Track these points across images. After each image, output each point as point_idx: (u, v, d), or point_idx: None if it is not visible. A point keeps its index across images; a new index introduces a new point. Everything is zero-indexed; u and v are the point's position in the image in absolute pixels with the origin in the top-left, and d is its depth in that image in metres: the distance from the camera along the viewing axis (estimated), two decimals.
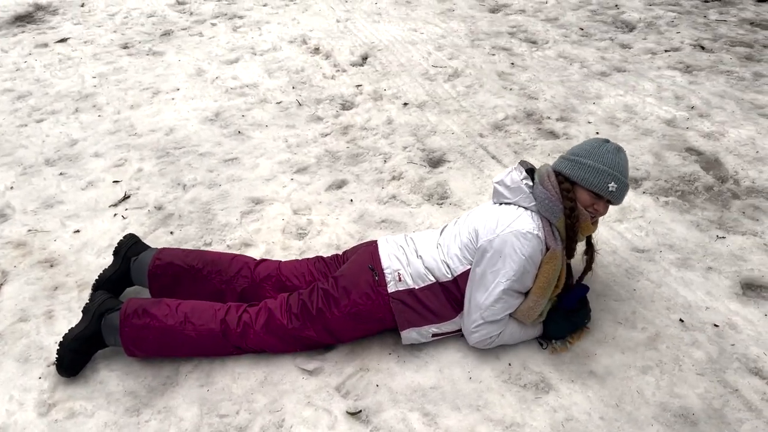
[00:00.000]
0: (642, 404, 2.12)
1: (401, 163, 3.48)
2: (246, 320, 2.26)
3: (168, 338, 2.24)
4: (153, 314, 2.24)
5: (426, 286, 2.27)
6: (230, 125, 3.91)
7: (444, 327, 2.30)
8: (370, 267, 2.32)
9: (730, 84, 4.29)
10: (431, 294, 2.27)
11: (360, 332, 2.33)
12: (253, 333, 2.25)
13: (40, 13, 5.81)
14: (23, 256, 2.84)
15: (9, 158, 3.59)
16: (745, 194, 3.20)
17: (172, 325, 2.23)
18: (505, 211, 2.25)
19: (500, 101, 4.09)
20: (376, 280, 2.29)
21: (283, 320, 2.26)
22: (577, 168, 2.20)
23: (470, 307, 2.23)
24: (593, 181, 2.17)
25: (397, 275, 2.29)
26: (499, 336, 2.26)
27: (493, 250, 2.17)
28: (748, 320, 2.44)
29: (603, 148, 2.23)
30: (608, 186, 2.17)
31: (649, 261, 2.75)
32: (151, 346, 2.27)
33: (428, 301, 2.26)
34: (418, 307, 2.26)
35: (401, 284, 2.27)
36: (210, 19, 5.63)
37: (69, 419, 2.12)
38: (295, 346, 2.30)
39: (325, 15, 5.68)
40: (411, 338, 2.30)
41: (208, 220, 3.06)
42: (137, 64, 4.76)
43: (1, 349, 2.38)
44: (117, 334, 2.24)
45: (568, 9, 5.70)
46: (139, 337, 2.24)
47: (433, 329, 2.29)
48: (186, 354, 2.31)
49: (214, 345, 2.27)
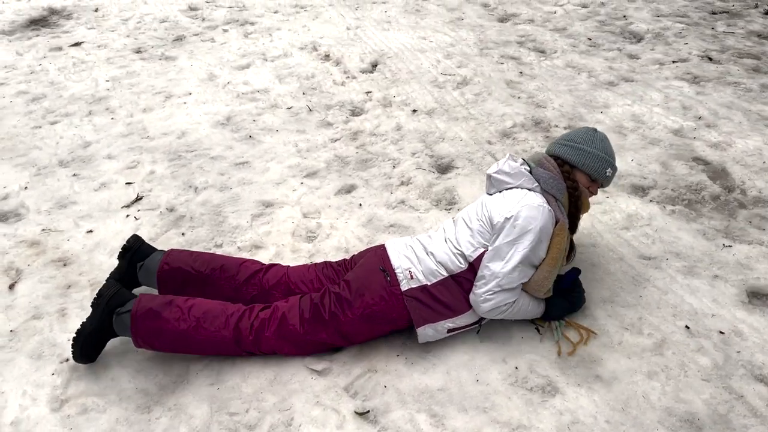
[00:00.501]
0: (648, 409, 2.14)
1: (410, 169, 3.51)
2: (258, 327, 2.28)
3: (180, 341, 2.27)
4: (165, 318, 2.25)
5: (438, 281, 2.32)
6: (241, 129, 3.96)
7: (459, 321, 2.33)
8: (381, 268, 2.35)
9: (738, 95, 4.31)
10: (444, 289, 2.31)
11: (372, 334, 2.36)
12: (266, 339, 2.27)
13: (55, 17, 5.89)
14: (37, 255, 2.88)
15: (23, 159, 3.64)
16: (752, 204, 3.22)
17: (184, 329, 2.25)
18: (512, 193, 2.38)
19: (508, 109, 4.13)
20: (388, 280, 2.32)
21: (295, 325, 2.28)
22: (577, 153, 2.44)
23: (485, 277, 2.27)
24: (594, 166, 2.43)
25: (409, 273, 2.32)
26: (512, 306, 2.30)
27: (509, 225, 2.28)
28: (754, 328, 2.46)
29: (597, 135, 2.49)
30: (606, 171, 2.45)
31: (656, 268, 2.77)
32: (163, 346, 2.30)
33: (442, 296, 2.30)
34: (432, 302, 2.29)
35: (413, 282, 2.31)
36: (222, 25, 5.70)
37: (81, 415, 2.15)
38: (306, 349, 2.33)
39: (335, 22, 5.73)
40: (427, 336, 2.33)
41: (219, 222, 3.10)
42: (150, 69, 4.83)
43: (15, 345, 2.42)
44: (128, 331, 2.27)
45: (576, 19, 5.74)
46: (150, 337, 2.27)
47: (448, 324, 2.32)
48: (198, 354, 2.34)
49: (226, 349, 2.30)
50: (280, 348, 2.30)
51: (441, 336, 2.35)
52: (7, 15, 5.81)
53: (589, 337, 2.41)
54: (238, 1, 6.27)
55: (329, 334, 2.30)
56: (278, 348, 2.30)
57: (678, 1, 6.13)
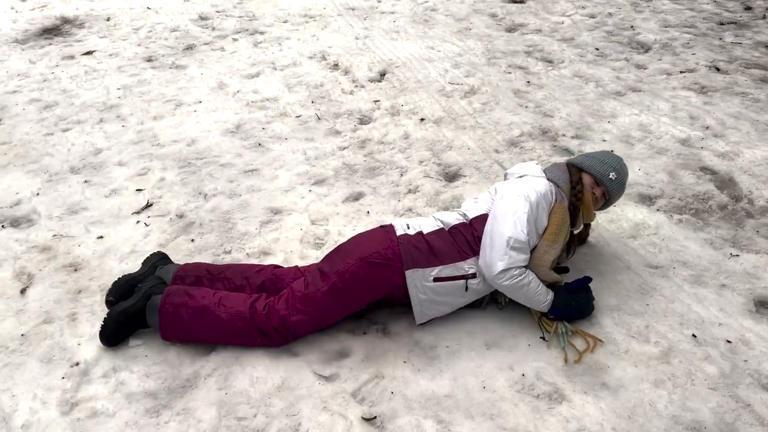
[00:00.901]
0: (654, 417, 2.14)
1: (417, 177, 3.53)
2: (271, 304, 2.41)
3: (200, 318, 2.37)
4: (192, 295, 2.43)
5: (434, 231, 2.48)
6: (250, 137, 4.00)
7: (446, 271, 2.40)
8: (382, 225, 2.59)
9: (745, 105, 4.32)
10: (438, 238, 2.45)
11: (371, 285, 2.41)
12: (276, 311, 2.38)
13: (67, 26, 5.96)
14: (48, 260, 2.92)
15: (35, 165, 3.69)
16: (759, 213, 3.22)
17: (206, 305, 2.39)
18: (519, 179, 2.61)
19: (516, 118, 4.15)
20: (386, 231, 2.49)
21: (301, 289, 2.42)
22: (585, 158, 2.69)
23: (493, 240, 2.37)
24: (597, 168, 2.62)
25: (406, 225, 2.53)
26: (524, 276, 2.35)
27: (512, 191, 2.48)
28: (761, 337, 2.45)
29: (609, 153, 2.75)
30: (609, 174, 2.60)
31: (663, 277, 2.77)
32: (184, 326, 2.39)
33: (435, 243, 2.43)
34: (424, 247, 2.41)
35: (410, 230, 2.49)
36: (232, 35, 5.75)
37: (91, 418, 2.17)
38: (312, 314, 2.38)
39: (344, 32, 5.78)
40: (414, 282, 2.38)
41: (228, 229, 3.13)
42: (161, 77, 4.88)
43: (26, 349, 2.44)
44: (157, 313, 2.39)
45: (584, 29, 5.77)
46: (175, 315, 2.38)
47: (434, 272, 2.39)
48: (213, 338, 2.41)
49: (242, 327, 2.37)
50: (289, 316, 2.36)
51: (427, 282, 2.39)
52: (21, 24, 5.90)
53: (596, 344, 2.41)
54: (248, 11, 6.34)
55: (331, 286, 2.38)
56: (287, 317, 2.36)
57: (685, 11, 6.15)
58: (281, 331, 2.37)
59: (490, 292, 2.51)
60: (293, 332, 2.39)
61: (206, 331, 2.39)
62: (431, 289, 2.40)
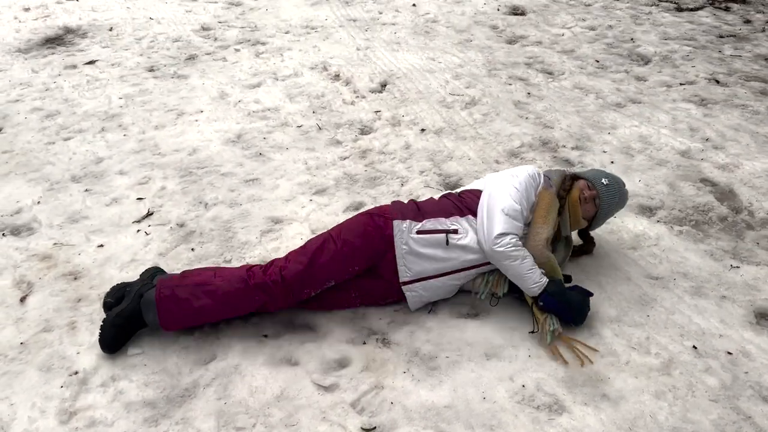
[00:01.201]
0: (655, 428, 2.13)
1: (418, 187, 3.54)
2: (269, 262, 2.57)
3: (198, 292, 2.41)
4: (186, 275, 2.53)
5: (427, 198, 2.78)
6: (252, 147, 4.01)
7: (428, 224, 2.55)
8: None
9: (745, 117, 4.33)
10: (427, 202, 2.71)
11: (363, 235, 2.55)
12: (274, 265, 2.50)
13: (70, 36, 5.99)
14: (48, 269, 2.92)
15: (37, 174, 3.69)
16: (760, 225, 3.22)
17: (202, 280, 2.46)
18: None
19: (516, 129, 4.16)
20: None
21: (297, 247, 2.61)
22: (582, 169, 2.83)
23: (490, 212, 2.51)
24: (591, 174, 2.79)
25: None
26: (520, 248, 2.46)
27: (501, 174, 2.72)
28: (762, 349, 2.45)
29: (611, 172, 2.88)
30: (601, 179, 2.74)
31: (663, 288, 2.77)
32: (183, 308, 2.40)
33: (424, 205, 2.67)
34: (413, 208, 2.64)
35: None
36: (233, 45, 5.78)
37: (89, 428, 2.16)
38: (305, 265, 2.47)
39: (345, 43, 5.81)
40: (400, 234, 2.52)
41: (228, 238, 3.13)
42: (162, 87, 4.90)
43: (25, 358, 2.44)
44: (154, 307, 2.40)
45: (584, 41, 5.80)
46: (172, 296, 2.41)
47: (418, 226, 2.55)
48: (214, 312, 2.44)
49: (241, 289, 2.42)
50: (285, 266, 2.48)
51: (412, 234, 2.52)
52: (24, 34, 5.93)
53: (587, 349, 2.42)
54: (250, 22, 6.37)
55: (325, 239, 2.55)
56: (284, 267, 2.47)
57: (685, 24, 6.19)
58: (279, 283, 2.43)
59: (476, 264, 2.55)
60: (289, 283, 2.44)
61: (206, 306, 2.41)
62: (414, 240, 2.53)
